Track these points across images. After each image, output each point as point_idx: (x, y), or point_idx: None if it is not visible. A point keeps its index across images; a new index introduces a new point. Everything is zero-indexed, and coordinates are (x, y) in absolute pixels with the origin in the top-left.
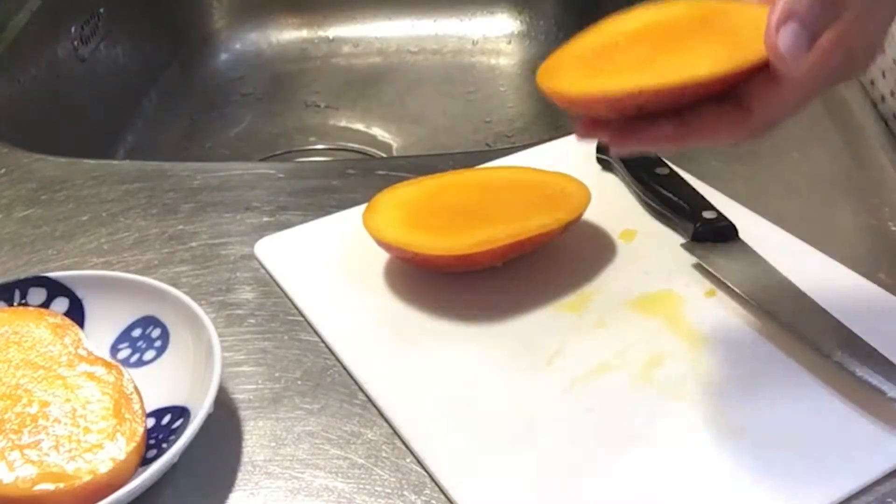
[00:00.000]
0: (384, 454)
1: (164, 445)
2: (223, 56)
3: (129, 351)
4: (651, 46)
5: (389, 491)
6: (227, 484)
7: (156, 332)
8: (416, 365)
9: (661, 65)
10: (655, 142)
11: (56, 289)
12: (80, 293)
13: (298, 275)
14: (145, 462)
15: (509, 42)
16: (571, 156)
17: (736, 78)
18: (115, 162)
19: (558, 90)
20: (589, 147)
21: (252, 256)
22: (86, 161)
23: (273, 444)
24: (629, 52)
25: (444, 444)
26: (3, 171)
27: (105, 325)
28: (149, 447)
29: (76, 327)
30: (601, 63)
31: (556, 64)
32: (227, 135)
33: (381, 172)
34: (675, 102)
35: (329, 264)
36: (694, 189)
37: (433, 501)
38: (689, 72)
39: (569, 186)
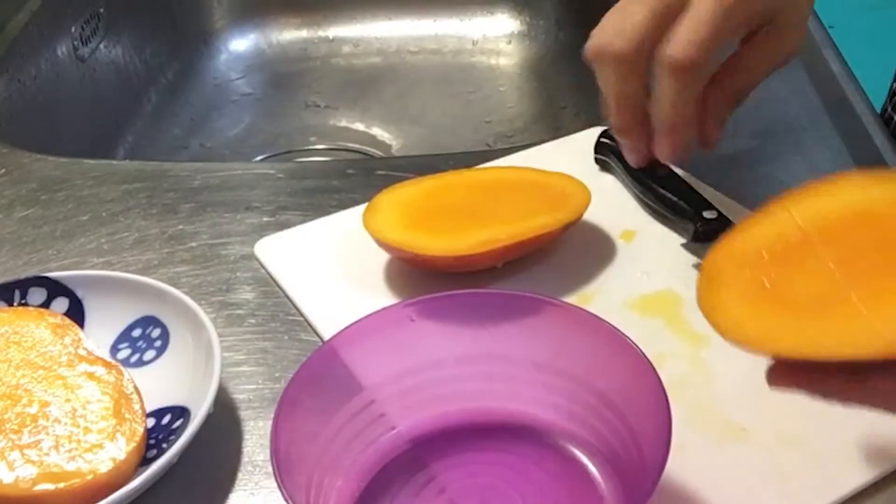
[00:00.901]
0: None
1: (164, 445)
2: (223, 56)
3: (129, 351)
4: (837, 267)
5: None
6: (227, 484)
7: (156, 332)
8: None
9: (847, 314)
10: (815, 391)
11: (56, 289)
12: (80, 293)
13: (298, 275)
14: (145, 462)
15: (509, 42)
16: (571, 156)
17: None
18: (115, 162)
19: (719, 327)
20: (588, 147)
21: (252, 256)
22: (86, 161)
23: None
24: (809, 270)
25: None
26: (3, 171)
27: (105, 325)
28: (149, 447)
29: (76, 327)
30: (773, 282)
31: (719, 267)
32: (227, 135)
33: (381, 172)
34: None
35: (329, 264)
36: (694, 189)
37: None
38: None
39: (569, 187)
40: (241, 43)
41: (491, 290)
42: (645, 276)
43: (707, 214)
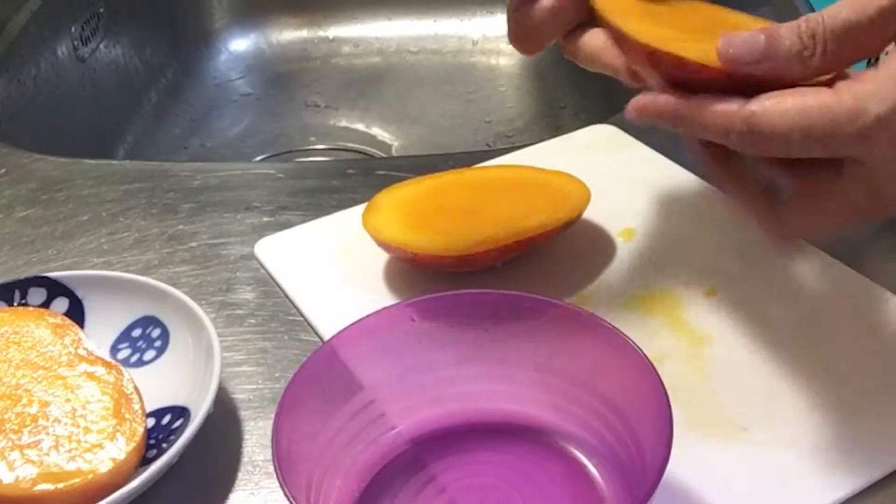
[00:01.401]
0: None
1: (164, 445)
2: (223, 56)
3: (129, 351)
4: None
5: None
6: (227, 484)
7: (156, 332)
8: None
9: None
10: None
11: (56, 289)
12: (80, 293)
13: (298, 275)
14: (145, 462)
15: (509, 42)
16: (571, 154)
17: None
18: (115, 162)
19: (600, 8)
20: (587, 145)
21: (252, 256)
22: (86, 161)
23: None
24: (695, 16)
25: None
26: (3, 171)
27: (105, 325)
28: (149, 447)
29: (76, 327)
30: (664, 12)
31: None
32: (227, 135)
33: (381, 172)
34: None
35: (329, 264)
36: None
37: None
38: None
39: (568, 185)
40: (241, 43)
41: (491, 291)
42: (645, 275)
43: None
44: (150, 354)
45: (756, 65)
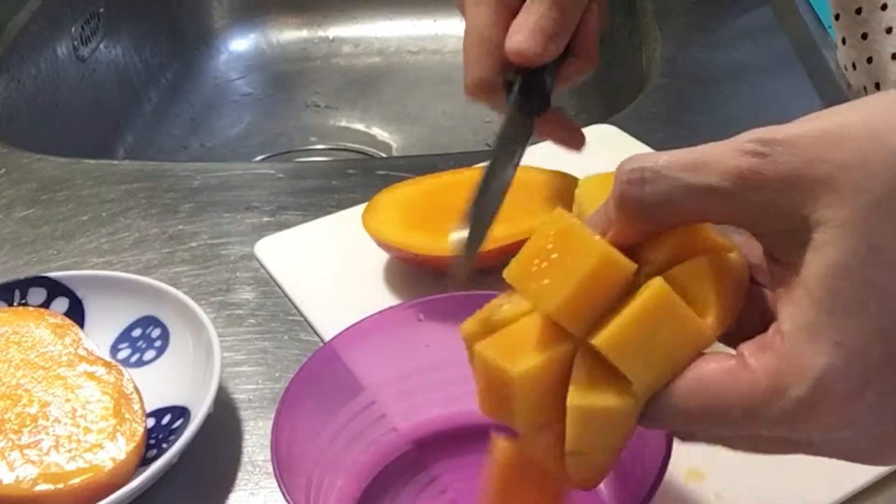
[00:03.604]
0: None
1: (164, 445)
2: (223, 56)
3: (129, 351)
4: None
5: None
6: (227, 484)
7: (156, 332)
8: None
9: None
10: None
11: (56, 289)
12: (80, 293)
13: (298, 275)
14: (145, 462)
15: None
16: (571, 155)
17: None
18: (115, 162)
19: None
20: (587, 144)
21: (252, 256)
22: (86, 161)
23: None
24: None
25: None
26: (3, 171)
27: (105, 325)
28: (149, 447)
29: (76, 327)
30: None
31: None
32: (227, 135)
33: (381, 172)
34: None
35: (329, 264)
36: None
37: None
38: None
39: (567, 184)
40: (241, 43)
41: (492, 292)
42: None
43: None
44: (150, 354)
45: None
